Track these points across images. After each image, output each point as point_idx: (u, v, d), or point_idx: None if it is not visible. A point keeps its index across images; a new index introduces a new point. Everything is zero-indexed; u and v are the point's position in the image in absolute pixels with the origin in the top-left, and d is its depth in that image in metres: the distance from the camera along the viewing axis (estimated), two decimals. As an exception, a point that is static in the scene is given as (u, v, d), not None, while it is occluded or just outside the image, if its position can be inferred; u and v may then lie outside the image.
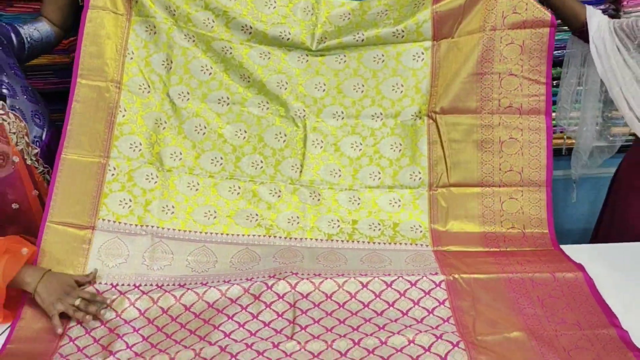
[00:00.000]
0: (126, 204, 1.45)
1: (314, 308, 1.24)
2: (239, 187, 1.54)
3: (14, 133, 1.31)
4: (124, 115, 1.48)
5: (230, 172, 1.54)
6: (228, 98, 1.54)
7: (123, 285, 1.31)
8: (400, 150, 1.54)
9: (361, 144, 1.56)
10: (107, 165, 1.45)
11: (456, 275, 1.31)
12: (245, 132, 1.55)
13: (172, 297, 1.26)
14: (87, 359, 1.10)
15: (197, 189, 1.52)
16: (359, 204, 1.54)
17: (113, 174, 1.45)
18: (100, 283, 1.31)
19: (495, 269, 1.34)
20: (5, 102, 1.31)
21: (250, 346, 1.11)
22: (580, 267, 1.33)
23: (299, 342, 1.14)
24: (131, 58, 1.48)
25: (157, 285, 1.30)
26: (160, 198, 1.48)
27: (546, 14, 1.42)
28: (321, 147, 1.56)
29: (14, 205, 1.35)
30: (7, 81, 1.36)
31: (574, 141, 1.74)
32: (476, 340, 1.14)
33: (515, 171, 1.49)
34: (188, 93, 1.52)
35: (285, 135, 1.56)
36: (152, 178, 1.49)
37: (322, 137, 1.56)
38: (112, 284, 1.30)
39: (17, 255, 1.19)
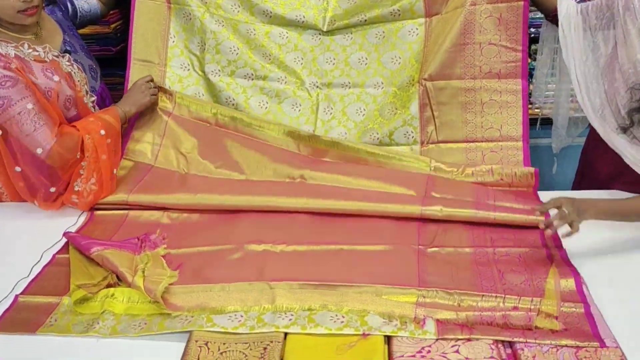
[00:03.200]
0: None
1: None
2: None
3: (78, 81, 1.73)
4: None
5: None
6: (252, 74, 1.92)
7: None
8: (395, 113, 1.86)
9: (364, 110, 1.89)
10: None
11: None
12: (267, 103, 1.93)
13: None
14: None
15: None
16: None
17: None
18: None
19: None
20: (70, 55, 1.75)
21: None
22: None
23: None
24: (173, 42, 1.91)
25: None
26: None
27: None
28: (331, 113, 1.91)
29: None
30: (68, 40, 1.77)
31: (549, 111, 1.97)
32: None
33: (495, 128, 1.78)
34: (219, 70, 1.92)
35: (300, 105, 1.92)
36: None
37: (332, 104, 1.91)
38: None
39: (109, 111, 1.74)
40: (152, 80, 1.84)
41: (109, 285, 1.38)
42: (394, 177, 1.71)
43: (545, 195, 1.66)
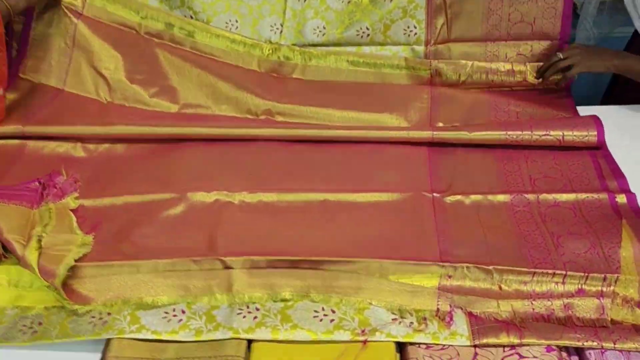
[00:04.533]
0: None
1: None
2: None
3: None
4: None
5: None
6: (194, -56, 1.45)
7: None
8: (392, 0, 1.42)
9: (349, -6, 1.45)
10: None
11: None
12: (217, -14, 1.47)
13: None
14: None
15: None
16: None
17: None
18: None
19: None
20: None
21: None
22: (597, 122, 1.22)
23: None
24: None
25: None
26: None
27: None
28: (304, 0, 1.47)
29: None
30: None
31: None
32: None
33: (526, 22, 1.38)
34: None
35: None
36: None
37: None
38: None
39: None
40: None
41: (-11, 261, 0.98)
42: (387, 104, 1.37)
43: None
